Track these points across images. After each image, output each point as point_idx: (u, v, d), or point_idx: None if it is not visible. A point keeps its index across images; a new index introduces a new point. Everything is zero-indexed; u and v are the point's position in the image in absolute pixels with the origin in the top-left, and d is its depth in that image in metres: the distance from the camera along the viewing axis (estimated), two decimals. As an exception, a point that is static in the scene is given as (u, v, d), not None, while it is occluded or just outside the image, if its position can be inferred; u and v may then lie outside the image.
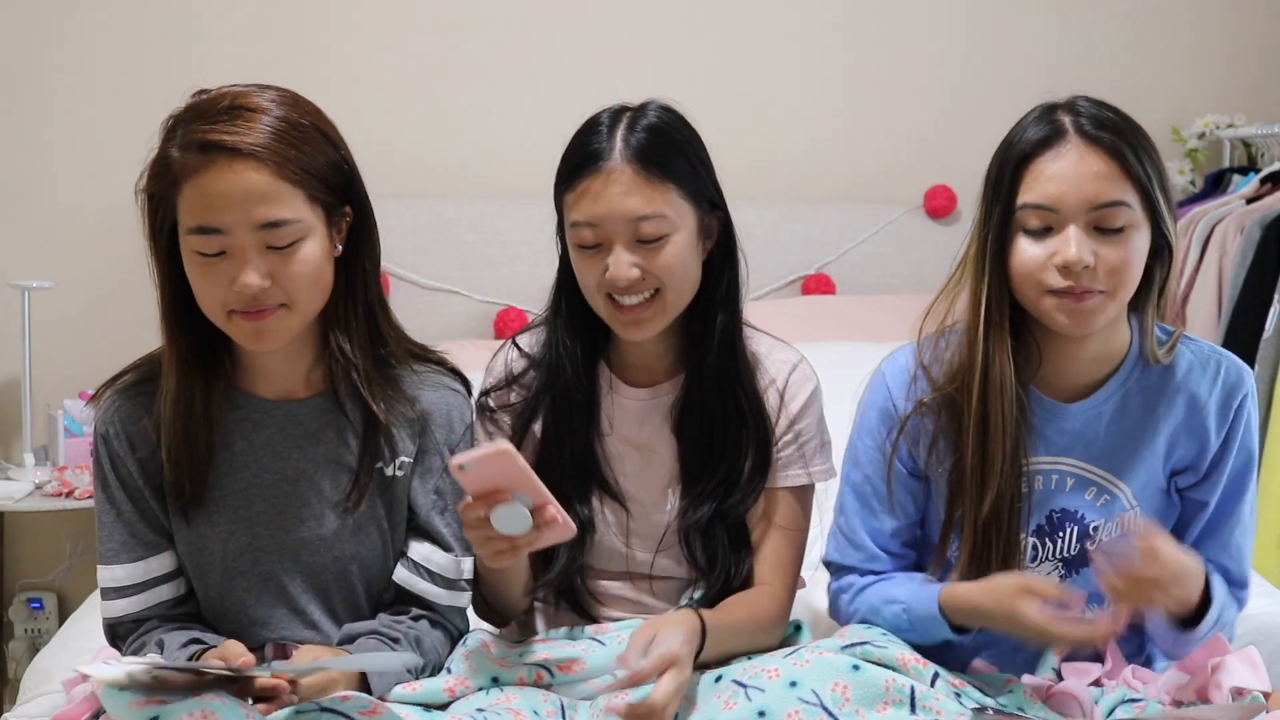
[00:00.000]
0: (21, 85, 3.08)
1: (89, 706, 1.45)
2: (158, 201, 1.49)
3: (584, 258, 1.64)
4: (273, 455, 1.58)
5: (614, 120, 1.64)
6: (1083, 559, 1.64)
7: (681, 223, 1.63)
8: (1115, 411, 1.63)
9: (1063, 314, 1.53)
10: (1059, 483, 1.64)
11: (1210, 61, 3.55)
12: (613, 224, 1.60)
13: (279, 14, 3.16)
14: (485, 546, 1.48)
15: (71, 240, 3.11)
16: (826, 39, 3.40)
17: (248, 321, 1.48)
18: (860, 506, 1.70)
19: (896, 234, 3.34)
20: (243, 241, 1.45)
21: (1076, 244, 1.50)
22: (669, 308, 1.65)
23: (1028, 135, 1.55)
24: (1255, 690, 1.48)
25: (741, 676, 1.48)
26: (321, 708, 1.34)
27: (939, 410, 1.63)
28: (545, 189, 1.70)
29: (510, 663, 1.58)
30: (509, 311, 3.11)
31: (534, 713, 1.48)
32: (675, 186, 1.62)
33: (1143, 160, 1.52)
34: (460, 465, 1.41)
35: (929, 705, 1.45)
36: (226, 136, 1.43)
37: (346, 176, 1.54)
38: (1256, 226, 2.96)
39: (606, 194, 1.59)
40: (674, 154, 1.63)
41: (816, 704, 1.42)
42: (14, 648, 3.06)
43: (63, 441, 2.93)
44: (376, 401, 1.57)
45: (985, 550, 1.59)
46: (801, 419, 1.73)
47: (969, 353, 1.60)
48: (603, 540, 1.73)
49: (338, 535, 1.58)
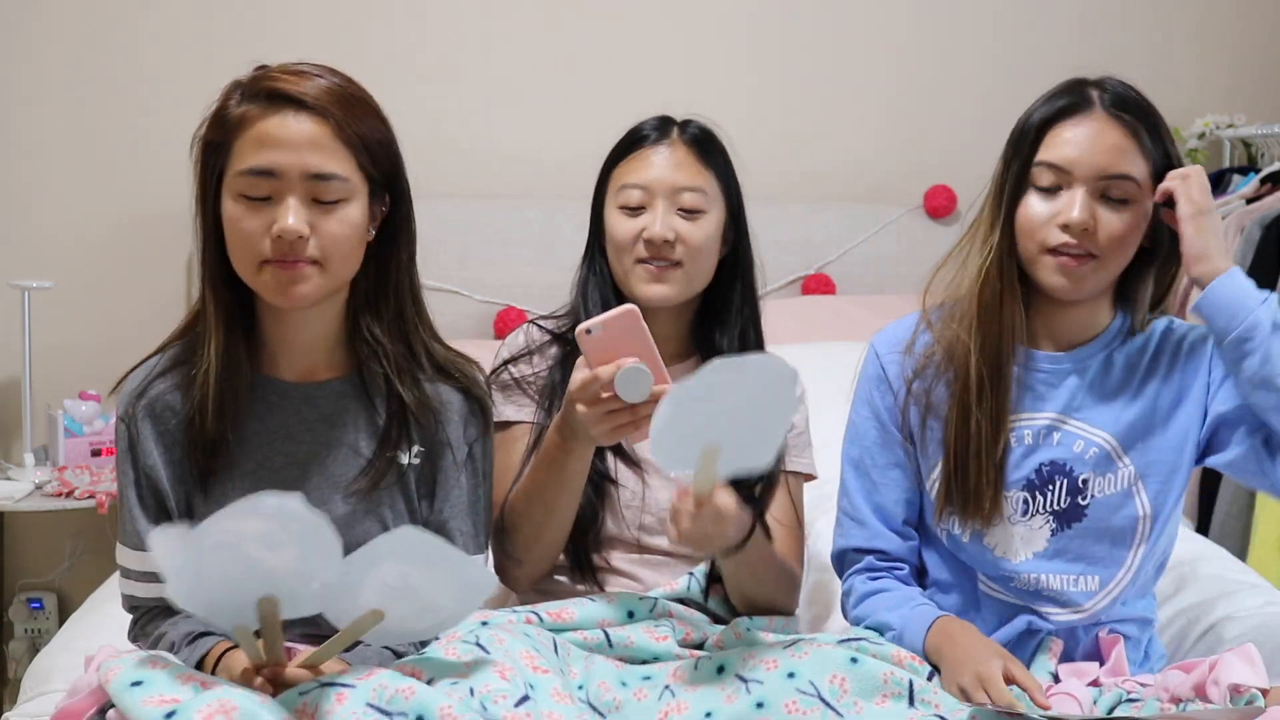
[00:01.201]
0: (22, 85, 3.08)
1: (94, 700, 1.44)
2: (214, 149, 1.52)
3: (624, 218, 1.81)
4: (285, 438, 1.59)
5: (666, 119, 1.85)
6: (1074, 513, 1.67)
7: (714, 206, 1.82)
8: (1100, 368, 1.69)
9: (1059, 274, 1.61)
10: (1045, 436, 1.68)
11: (1210, 61, 3.55)
12: (661, 187, 1.79)
13: (279, 14, 3.16)
14: (607, 421, 1.53)
15: (71, 240, 3.12)
16: (826, 40, 3.40)
17: (280, 270, 1.50)
18: (860, 481, 1.74)
19: (896, 234, 3.34)
20: (291, 185, 1.49)
21: (1080, 206, 1.59)
22: (685, 280, 1.80)
23: (1054, 102, 1.64)
24: (1253, 687, 1.48)
25: (742, 670, 1.49)
26: (322, 683, 1.34)
27: (944, 354, 1.69)
28: (544, 189, 1.71)
29: (498, 611, 1.61)
30: (509, 311, 3.11)
31: (525, 635, 1.49)
32: (715, 176, 1.83)
33: (1158, 145, 1.62)
34: (587, 329, 1.47)
35: (927, 699, 1.45)
36: (293, 88, 1.50)
37: (393, 159, 1.59)
38: (1256, 226, 2.96)
39: (660, 162, 1.81)
40: (717, 152, 1.85)
41: (814, 695, 1.43)
42: (14, 648, 3.06)
43: (63, 441, 2.93)
44: (405, 386, 1.60)
45: (979, 500, 1.65)
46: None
47: (979, 296, 1.66)
48: (621, 506, 1.79)
49: (344, 521, 1.58)
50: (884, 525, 1.73)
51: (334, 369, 1.62)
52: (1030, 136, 1.64)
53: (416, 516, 1.63)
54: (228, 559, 1.26)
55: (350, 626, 1.34)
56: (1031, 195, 1.63)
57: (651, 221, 1.78)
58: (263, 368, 1.61)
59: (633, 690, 1.50)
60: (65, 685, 1.70)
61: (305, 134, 1.49)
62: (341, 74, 1.56)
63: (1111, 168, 1.60)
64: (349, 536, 1.58)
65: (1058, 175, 1.61)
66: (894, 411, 1.72)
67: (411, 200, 1.61)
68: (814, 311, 3.14)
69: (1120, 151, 1.60)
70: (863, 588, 1.71)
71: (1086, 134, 1.61)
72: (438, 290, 3.10)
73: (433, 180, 3.13)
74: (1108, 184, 1.60)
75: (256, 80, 1.52)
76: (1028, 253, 1.64)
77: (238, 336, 1.57)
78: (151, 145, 3.06)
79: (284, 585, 1.30)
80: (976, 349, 1.65)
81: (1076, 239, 1.59)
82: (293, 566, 1.28)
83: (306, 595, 1.31)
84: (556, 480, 1.68)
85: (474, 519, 1.65)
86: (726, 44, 3.35)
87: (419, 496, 1.63)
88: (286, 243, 1.48)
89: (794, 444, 1.86)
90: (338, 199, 1.51)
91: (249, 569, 1.27)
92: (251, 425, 1.59)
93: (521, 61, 3.27)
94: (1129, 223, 1.61)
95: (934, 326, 1.71)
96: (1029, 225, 1.63)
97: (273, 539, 1.25)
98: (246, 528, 1.24)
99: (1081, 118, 1.61)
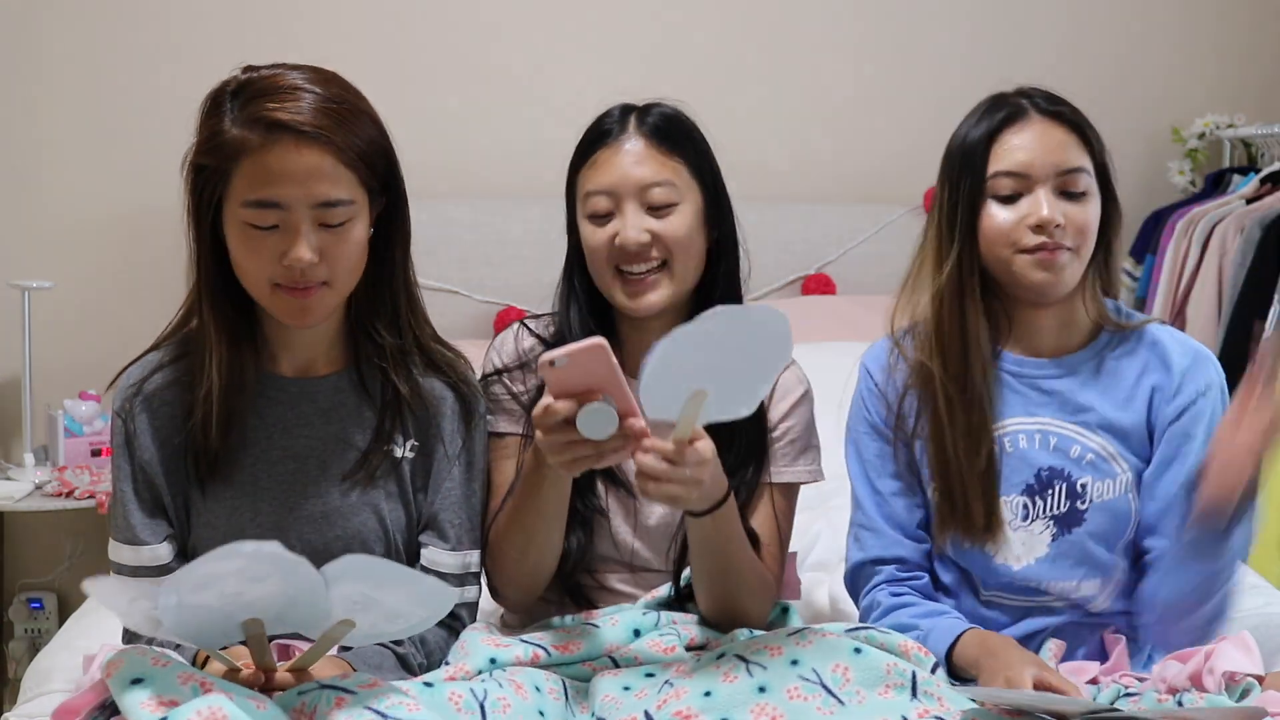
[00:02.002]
0: (22, 85, 3.09)
1: (95, 696, 1.44)
2: (208, 174, 1.50)
3: (596, 228, 1.70)
4: (283, 432, 1.60)
5: (626, 110, 1.73)
6: (1074, 517, 1.68)
7: (688, 196, 1.70)
8: (1092, 373, 1.70)
9: (1038, 270, 1.64)
10: (1042, 441, 1.69)
11: (1210, 61, 3.55)
12: (625, 189, 1.68)
13: (280, 15, 3.16)
14: (566, 452, 1.44)
15: (71, 240, 3.12)
16: (826, 40, 3.40)
17: (292, 298, 1.51)
18: (871, 493, 1.74)
19: (896, 234, 3.34)
20: (299, 216, 1.48)
21: (1049, 204, 1.63)
22: (675, 279, 1.70)
23: (990, 116, 1.70)
24: (1248, 674, 1.48)
25: (744, 652, 1.48)
26: (322, 685, 1.35)
27: (916, 380, 1.71)
28: (545, 188, 1.71)
29: (504, 643, 1.58)
30: (509, 311, 3.11)
31: (536, 689, 1.48)
32: (684, 163, 1.70)
33: (1090, 136, 1.69)
34: (551, 361, 1.37)
35: (930, 691, 1.44)
36: (292, 117, 1.47)
37: (390, 161, 1.58)
38: (1256, 226, 2.97)
39: (619, 162, 1.68)
40: (683, 136, 1.72)
41: (816, 682, 1.42)
42: (14, 648, 3.06)
43: (63, 441, 2.93)
44: (400, 380, 1.61)
45: (968, 512, 1.66)
46: (788, 419, 1.75)
47: (936, 317, 1.69)
48: (611, 530, 1.73)
49: (339, 512, 1.59)
50: (899, 533, 1.73)
51: (332, 364, 1.64)
52: (977, 152, 1.67)
53: (411, 509, 1.64)
54: (209, 596, 1.28)
55: (326, 635, 1.35)
56: (992, 206, 1.66)
57: (622, 227, 1.67)
58: (263, 365, 1.61)
59: (635, 692, 1.50)
60: (65, 685, 1.71)
61: (308, 165, 1.47)
62: (329, 78, 1.54)
63: (1066, 163, 1.65)
64: (346, 528, 1.60)
65: (1017, 182, 1.65)
66: (891, 423, 1.73)
67: (407, 196, 1.62)
68: (814, 311, 3.14)
69: (1068, 146, 1.66)
70: (887, 601, 1.70)
71: (1033, 137, 1.66)
72: (438, 290, 3.09)
73: (433, 180, 3.16)
74: (1065, 179, 1.65)
75: (247, 97, 1.49)
76: (1000, 259, 1.66)
77: (240, 348, 1.58)
78: (152, 145, 3.05)
79: (269, 612, 1.32)
80: (939, 369, 1.68)
81: (1050, 236, 1.62)
82: (276, 595, 1.29)
83: (291, 619, 1.33)
84: (534, 506, 1.60)
85: (468, 512, 1.65)
86: (727, 44, 3.35)
87: (414, 489, 1.64)
88: (298, 271, 1.49)
89: (783, 452, 1.75)
90: (344, 221, 1.51)
91: (232, 600, 1.29)
92: (250, 421, 1.60)
93: (522, 61, 3.27)
94: (1091, 211, 1.66)
95: (906, 355, 1.73)
96: (997, 233, 1.65)
97: (254, 573, 1.27)
98: (226, 567, 1.26)
99: (1023, 124, 1.67)
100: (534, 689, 1.48)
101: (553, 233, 1.74)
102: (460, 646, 1.60)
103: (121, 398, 1.59)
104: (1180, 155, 3.47)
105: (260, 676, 1.36)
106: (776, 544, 1.75)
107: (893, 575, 1.72)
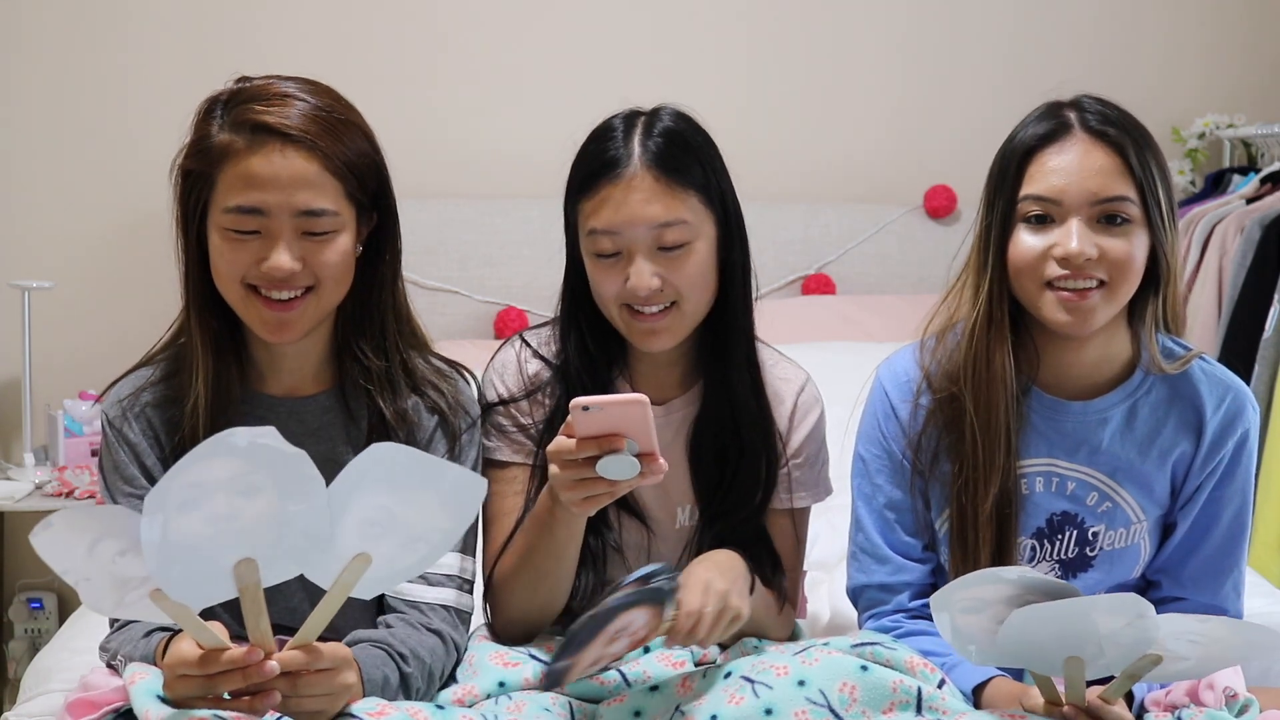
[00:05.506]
0: (21, 86, 3.09)
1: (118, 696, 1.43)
2: (195, 179, 1.49)
3: (602, 267, 1.60)
4: None
5: (628, 126, 1.61)
6: (1081, 562, 1.64)
7: (702, 230, 1.60)
8: (1123, 420, 1.62)
9: (1062, 311, 1.53)
10: (1059, 485, 1.63)
11: (1210, 61, 3.55)
12: (634, 232, 1.56)
13: (280, 15, 3.16)
14: (581, 489, 1.41)
15: (71, 240, 3.12)
16: (826, 39, 3.40)
17: (270, 311, 1.49)
18: (876, 518, 1.68)
19: (896, 234, 3.34)
20: (280, 224, 1.47)
21: (1078, 237, 1.51)
22: (686, 319, 1.62)
23: (1032, 130, 1.57)
24: (1243, 694, 1.47)
25: (750, 672, 1.47)
26: None
27: (939, 411, 1.63)
28: (544, 189, 1.70)
29: (513, 660, 1.57)
30: (509, 311, 3.11)
31: (545, 709, 1.48)
32: (696, 193, 1.59)
33: (1144, 160, 1.54)
34: (584, 406, 1.34)
35: (935, 706, 1.44)
36: (278, 120, 1.45)
37: (380, 178, 1.56)
38: (1256, 226, 2.96)
39: (628, 201, 1.55)
40: (692, 160, 1.60)
41: (824, 705, 1.41)
42: (14, 648, 3.06)
43: (63, 441, 2.93)
44: (385, 401, 1.58)
45: (977, 550, 1.58)
46: (808, 445, 1.71)
47: (968, 350, 1.60)
48: (628, 567, 1.67)
49: None
50: (903, 559, 1.66)
51: (320, 383, 1.61)
52: (1012, 170, 1.56)
53: None
54: (196, 520, 1.21)
55: (338, 581, 1.29)
56: (1021, 231, 1.55)
57: (634, 274, 1.56)
58: (251, 384, 1.60)
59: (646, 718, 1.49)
60: (65, 685, 1.71)
61: (293, 171, 1.45)
62: (323, 90, 1.52)
63: (1103, 191, 1.52)
64: None
65: (1047, 207, 1.53)
66: (904, 445, 1.65)
67: (398, 216, 1.59)
68: (814, 311, 3.15)
69: (1108, 173, 1.52)
70: (910, 625, 1.64)
71: (1071, 160, 1.53)
72: (438, 290, 3.10)
73: (433, 180, 3.16)
74: (1101, 208, 1.52)
75: (236, 103, 1.48)
76: (1027, 292, 1.56)
77: (226, 362, 1.55)
78: (151, 146, 3.02)
79: (262, 541, 1.24)
80: (970, 403, 1.59)
81: (1076, 270, 1.51)
82: (271, 514, 1.24)
83: (287, 551, 1.26)
84: (546, 546, 1.55)
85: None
86: (726, 43, 3.35)
87: None
88: (278, 278, 1.47)
89: (799, 479, 1.70)
90: (327, 231, 1.49)
91: (222, 527, 1.22)
92: None
93: (522, 61, 3.26)
94: (1132, 244, 1.52)
95: (931, 379, 1.64)
96: (1023, 262, 1.54)
97: (246, 483, 1.22)
98: (215, 473, 1.21)
99: (1063, 143, 1.54)
100: (542, 710, 1.47)
101: (553, 233, 1.72)
102: (469, 662, 1.57)
103: (115, 409, 1.58)
104: (1180, 155, 3.46)
105: (257, 654, 1.29)
106: (798, 567, 1.73)
107: (903, 605, 1.66)
